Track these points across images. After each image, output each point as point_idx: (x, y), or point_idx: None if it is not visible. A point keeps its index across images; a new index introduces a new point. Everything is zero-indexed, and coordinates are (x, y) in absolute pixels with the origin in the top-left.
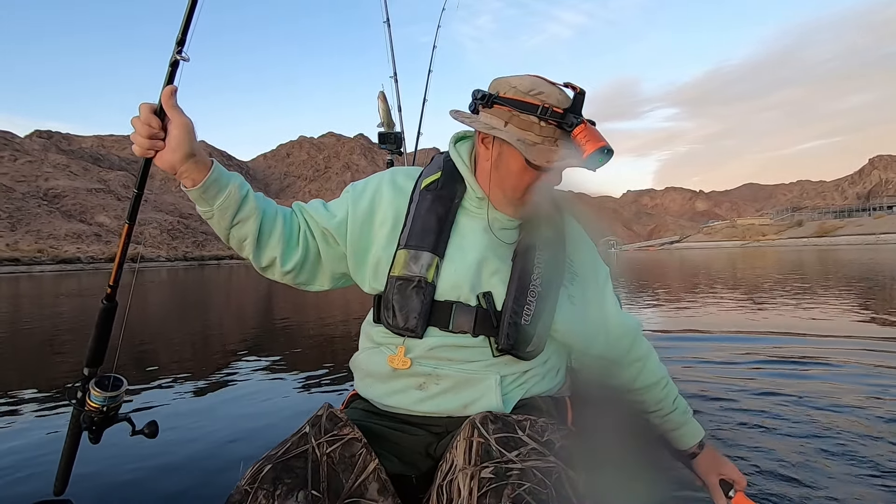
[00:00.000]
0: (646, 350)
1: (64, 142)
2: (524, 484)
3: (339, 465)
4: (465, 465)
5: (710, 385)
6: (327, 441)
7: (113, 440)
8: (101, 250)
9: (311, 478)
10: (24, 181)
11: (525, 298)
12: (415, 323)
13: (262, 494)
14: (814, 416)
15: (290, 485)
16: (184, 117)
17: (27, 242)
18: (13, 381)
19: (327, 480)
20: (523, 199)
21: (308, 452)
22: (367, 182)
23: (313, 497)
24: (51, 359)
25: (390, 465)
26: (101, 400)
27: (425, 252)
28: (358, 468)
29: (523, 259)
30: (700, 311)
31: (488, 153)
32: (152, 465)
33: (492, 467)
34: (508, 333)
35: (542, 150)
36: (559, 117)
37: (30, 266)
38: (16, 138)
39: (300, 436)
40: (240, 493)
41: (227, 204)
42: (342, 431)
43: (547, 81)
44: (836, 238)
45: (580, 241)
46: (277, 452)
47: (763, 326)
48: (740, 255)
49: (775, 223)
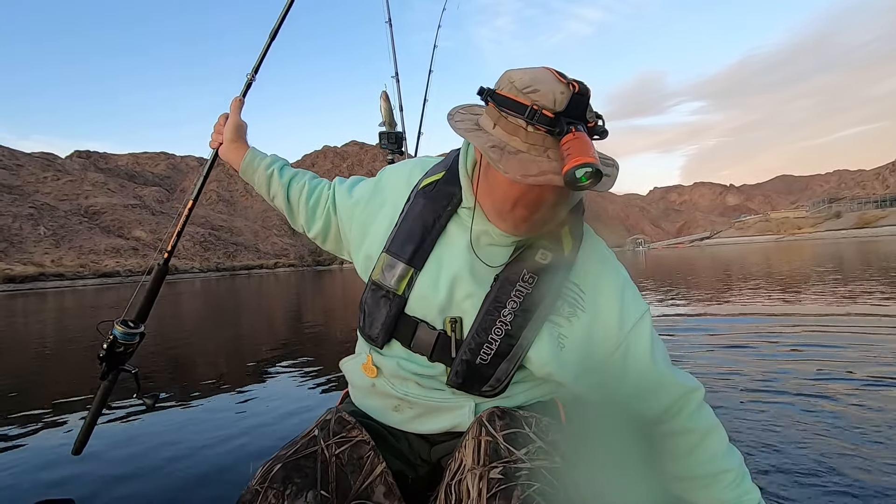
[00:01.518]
0: (704, 425)
1: (101, 161)
2: (533, 485)
3: (347, 467)
4: (473, 464)
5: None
6: (336, 443)
7: (117, 440)
8: (138, 263)
9: (321, 478)
10: (67, 199)
11: (487, 335)
12: (377, 333)
13: (273, 494)
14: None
15: (299, 485)
16: (235, 118)
17: (70, 258)
18: (64, 389)
19: (336, 481)
20: (514, 213)
21: (317, 453)
22: (394, 168)
23: (322, 497)
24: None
25: (389, 463)
26: (120, 334)
27: (401, 263)
28: (366, 470)
29: (502, 287)
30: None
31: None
32: (158, 466)
33: (500, 467)
34: (458, 371)
35: (524, 160)
36: (549, 122)
37: (73, 280)
38: (57, 159)
39: (309, 437)
40: (251, 492)
41: (259, 183)
42: (351, 434)
43: (556, 76)
44: (878, 229)
45: (600, 271)
46: (287, 453)
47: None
48: (775, 250)
49: (811, 215)
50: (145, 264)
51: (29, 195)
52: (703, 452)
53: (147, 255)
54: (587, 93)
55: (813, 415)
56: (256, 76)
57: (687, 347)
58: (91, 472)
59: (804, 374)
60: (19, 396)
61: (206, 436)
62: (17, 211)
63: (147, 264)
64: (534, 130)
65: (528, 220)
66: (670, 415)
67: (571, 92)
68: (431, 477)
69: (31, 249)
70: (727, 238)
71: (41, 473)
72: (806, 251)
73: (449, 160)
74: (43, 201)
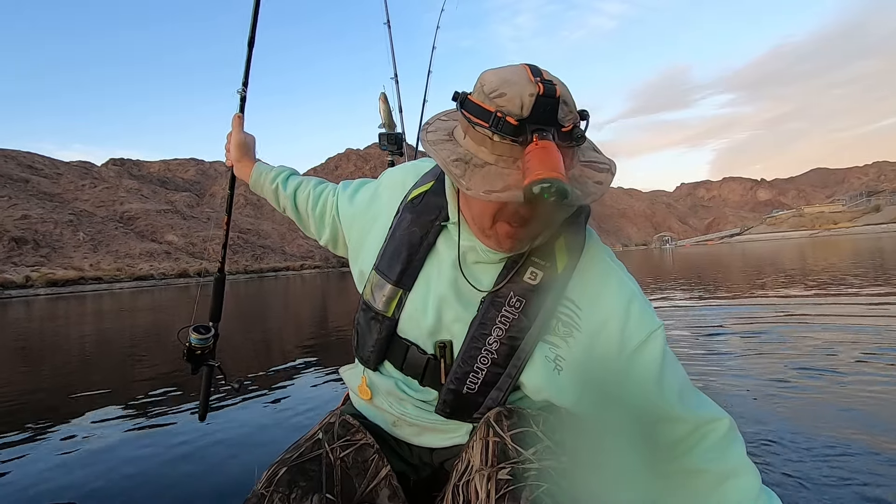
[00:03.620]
0: (723, 465)
1: (135, 168)
2: (542, 485)
3: (352, 470)
4: (481, 465)
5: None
6: (340, 446)
7: (120, 440)
8: (171, 267)
9: (326, 481)
10: (103, 206)
11: (473, 364)
12: (368, 355)
13: (278, 497)
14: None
15: (304, 488)
16: (238, 135)
17: (108, 262)
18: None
19: (341, 484)
20: (497, 228)
21: (322, 456)
22: (392, 174)
23: (328, 501)
24: (138, 365)
25: (392, 465)
26: (195, 340)
27: (388, 284)
28: (370, 473)
29: (487, 311)
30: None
31: None
32: (162, 468)
33: (508, 468)
34: (445, 400)
35: (489, 174)
36: (513, 130)
37: (111, 284)
38: (94, 167)
39: (313, 440)
40: (256, 496)
41: (268, 197)
42: (355, 437)
43: (529, 75)
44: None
45: (601, 285)
46: (292, 456)
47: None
48: (810, 246)
49: (849, 209)
50: (178, 268)
51: (69, 202)
52: (720, 498)
53: (179, 258)
54: (554, 93)
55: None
56: (247, 89)
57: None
58: (94, 475)
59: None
60: (47, 399)
61: (211, 438)
62: (58, 218)
63: (179, 268)
64: (500, 140)
65: (514, 235)
66: (682, 451)
67: (537, 94)
68: (434, 479)
69: (71, 254)
70: (758, 234)
71: (45, 475)
72: (844, 247)
73: (439, 168)
74: (81, 208)
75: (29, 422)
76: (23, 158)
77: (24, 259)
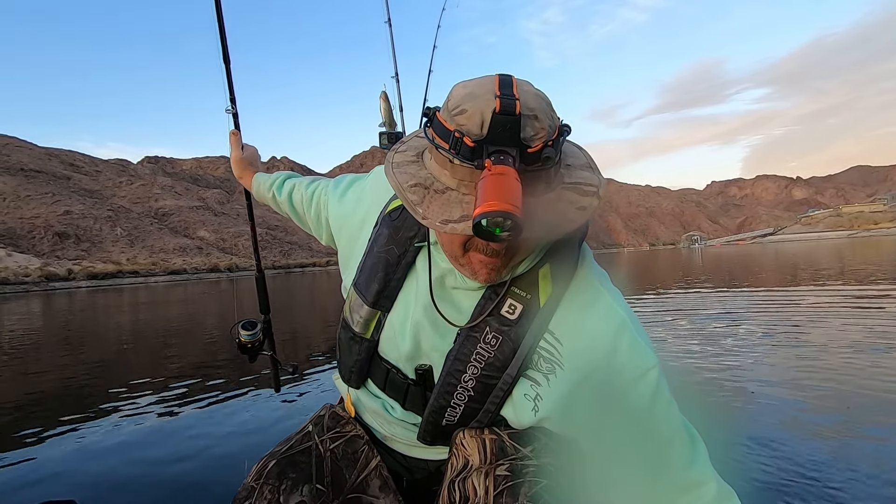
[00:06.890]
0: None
1: (168, 165)
2: (540, 481)
3: (342, 461)
4: (480, 463)
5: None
6: (330, 437)
7: (122, 439)
8: (202, 262)
9: (316, 472)
10: (139, 202)
11: (450, 399)
12: (349, 374)
13: (268, 489)
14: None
15: (294, 479)
16: (235, 154)
17: (143, 256)
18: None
19: (331, 475)
20: (470, 257)
21: (312, 448)
22: (380, 175)
23: (318, 491)
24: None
25: (389, 462)
26: (245, 336)
27: (365, 306)
28: (360, 464)
29: (463, 346)
30: None
31: None
32: (158, 465)
33: (507, 464)
34: (426, 429)
35: (448, 201)
36: (469, 153)
37: (146, 277)
38: (130, 165)
39: (304, 433)
40: (246, 489)
41: (271, 205)
42: (345, 429)
43: (496, 89)
44: None
45: (585, 317)
46: (282, 449)
47: None
48: (849, 246)
49: (891, 209)
50: (209, 262)
51: (107, 199)
52: None
53: (210, 253)
54: (513, 110)
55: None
56: (235, 106)
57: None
58: (92, 472)
59: None
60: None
61: (211, 436)
62: (98, 213)
63: (210, 262)
64: (459, 163)
65: (489, 265)
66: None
67: (493, 113)
68: (428, 480)
69: (109, 248)
70: (792, 234)
71: (44, 473)
72: (886, 248)
73: None
74: (119, 204)
75: (60, 413)
76: (65, 157)
77: (67, 253)
